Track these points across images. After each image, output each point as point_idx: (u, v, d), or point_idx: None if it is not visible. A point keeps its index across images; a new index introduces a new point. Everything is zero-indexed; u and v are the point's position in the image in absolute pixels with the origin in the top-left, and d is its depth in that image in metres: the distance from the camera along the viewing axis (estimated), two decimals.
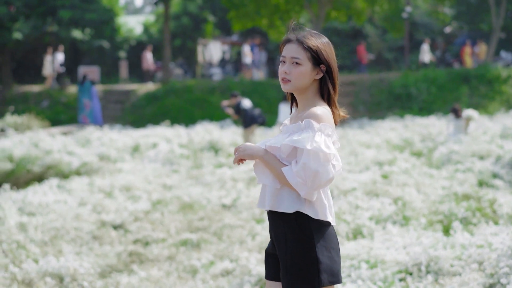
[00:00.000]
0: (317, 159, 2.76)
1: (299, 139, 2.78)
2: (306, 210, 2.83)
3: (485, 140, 11.96)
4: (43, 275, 4.89)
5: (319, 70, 2.92)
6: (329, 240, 2.85)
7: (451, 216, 6.18)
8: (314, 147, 2.75)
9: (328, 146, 2.78)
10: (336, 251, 2.87)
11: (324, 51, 2.91)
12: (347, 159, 10.92)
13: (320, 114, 2.83)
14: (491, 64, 24.20)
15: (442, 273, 4.50)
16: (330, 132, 2.83)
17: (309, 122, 2.81)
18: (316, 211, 2.84)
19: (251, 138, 13.84)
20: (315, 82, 2.95)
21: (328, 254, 2.82)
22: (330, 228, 2.90)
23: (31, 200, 7.77)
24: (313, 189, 2.79)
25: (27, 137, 14.79)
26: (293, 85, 2.91)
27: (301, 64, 2.89)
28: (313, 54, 2.89)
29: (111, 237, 7.08)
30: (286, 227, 2.86)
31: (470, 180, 8.50)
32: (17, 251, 5.60)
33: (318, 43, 2.91)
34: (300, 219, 2.84)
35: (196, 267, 5.96)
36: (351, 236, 5.81)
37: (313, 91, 2.95)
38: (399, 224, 6.05)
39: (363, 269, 4.70)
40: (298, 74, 2.89)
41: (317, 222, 2.85)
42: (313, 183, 2.76)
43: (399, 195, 7.05)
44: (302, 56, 2.89)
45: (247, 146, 2.94)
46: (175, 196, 8.62)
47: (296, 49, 2.90)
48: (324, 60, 2.91)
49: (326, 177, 2.76)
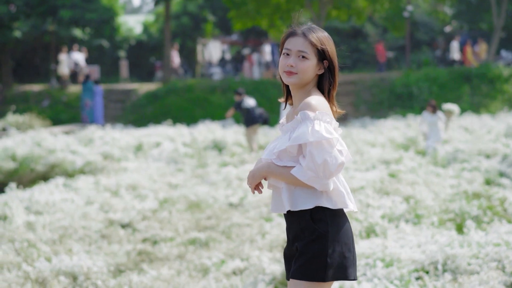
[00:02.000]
0: (322, 148, 2.73)
1: (299, 135, 2.76)
2: (325, 203, 2.81)
3: (490, 139, 11.95)
4: (56, 274, 4.85)
5: (322, 66, 2.92)
6: (343, 235, 2.82)
7: (463, 214, 6.15)
8: (316, 137, 2.72)
9: (329, 131, 2.75)
10: (348, 246, 2.83)
11: (328, 46, 2.92)
12: (353, 157, 10.88)
13: (314, 103, 2.81)
14: (492, 63, 24.19)
15: (459, 271, 4.46)
16: (328, 118, 2.80)
17: (305, 114, 2.79)
18: (334, 201, 2.82)
19: (253, 137, 13.78)
20: (316, 77, 2.95)
21: (339, 249, 2.80)
22: (346, 222, 2.86)
23: (38, 199, 7.73)
24: (327, 179, 2.75)
25: (29, 136, 14.79)
26: (299, 78, 2.89)
27: (308, 59, 2.88)
28: (319, 50, 2.89)
29: (120, 236, 7.04)
30: (302, 224, 2.84)
31: (477, 179, 8.48)
32: (28, 249, 5.56)
33: (321, 38, 2.91)
34: (315, 214, 2.82)
35: (207, 266, 5.92)
36: (365, 235, 5.78)
37: (311, 86, 2.94)
38: (411, 222, 6.02)
39: (378, 267, 4.66)
40: (305, 67, 2.88)
41: (332, 216, 2.82)
42: (324, 173, 2.73)
43: (409, 194, 7.02)
44: (309, 50, 2.88)
45: (251, 172, 2.95)
46: (182, 195, 8.59)
47: (302, 43, 2.88)
48: (328, 56, 2.91)
49: (335, 163, 2.73)
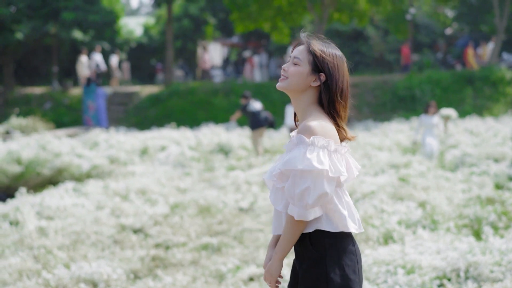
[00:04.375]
0: (306, 177, 2.62)
1: (290, 159, 2.66)
2: (325, 226, 2.71)
3: (497, 142, 11.93)
4: (76, 281, 4.82)
5: (317, 78, 2.80)
6: (344, 257, 2.72)
7: (480, 220, 6.13)
8: (305, 165, 2.61)
9: (321, 161, 2.62)
10: (351, 268, 2.72)
11: (329, 61, 2.79)
12: (361, 161, 10.87)
13: (313, 126, 2.69)
14: (494, 66, 24.18)
15: (481, 279, 4.45)
16: (325, 143, 2.66)
17: (300, 138, 2.68)
18: (336, 225, 2.72)
19: (259, 140, 13.75)
20: (313, 90, 2.82)
21: (341, 272, 2.70)
22: (349, 243, 2.76)
23: (49, 204, 7.70)
24: (303, 208, 2.63)
25: (33, 139, 14.74)
26: (287, 82, 2.81)
27: (299, 65, 2.80)
28: (315, 59, 2.80)
29: (132, 242, 7.02)
30: (302, 247, 2.77)
31: (487, 183, 8.45)
32: (46, 256, 5.53)
33: (324, 50, 2.81)
34: (314, 238, 2.73)
35: (222, 272, 5.89)
36: (382, 241, 5.76)
37: (310, 99, 2.82)
38: (428, 228, 6.00)
39: (399, 274, 4.64)
40: (293, 72, 2.80)
41: (333, 238, 2.72)
42: (300, 202, 2.63)
43: (423, 199, 7.00)
44: (302, 57, 2.81)
45: (267, 272, 2.84)
46: (192, 200, 8.57)
47: (300, 50, 2.83)
48: (326, 69, 2.78)
49: (315, 195, 2.62)
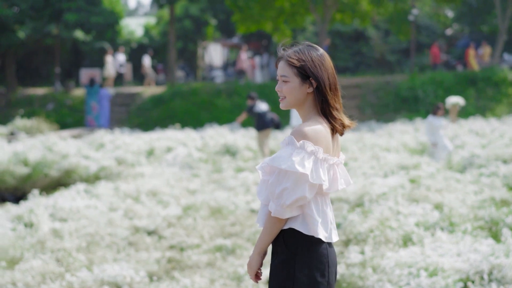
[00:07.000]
0: (287, 178, 2.73)
1: (276, 157, 2.76)
2: (299, 226, 2.80)
3: (504, 143, 11.93)
4: (100, 284, 4.82)
5: (310, 84, 2.87)
6: (315, 259, 2.79)
7: (497, 222, 6.14)
8: (287, 166, 2.71)
9: (303, 165, 2.71)
10: (320, 270, 2.79)
11: (311, 65, 2.85)
12: (369, 163, 10.88)
13: (306, 130, 2.78)
14: (496, 67, 24.22)
15: (505, 281, 4.45)
16: (314, 149, 2.75)
17: (291, 139, 2.78)
18: (308, 227, 2.80)
19: (265, 141, 13.75)
20: (311, 95, 2.89)
21: (309, 273, 2.77)
22: (323, 247, 2.82)
23: (62, 206, 7.69)
24: (280, 207, 2.74)
25: (38, 140, 14.70)
26: (287, 101, 2.90)
27: (289, 81, 2.87)
28: (299, 70, 2.85)
29: (146, 243, 7.02)
30: (275, 243, 2.87)
31: (497, 185, 8.44)
32: (67, 259, 5.53)
33: (303, 58, 2.86)
34: (287, 236, 2.82)
35: (240, 274, 5.90)
36: (401, 243, 5.77)
37: (310, 105, 2.90)
38: (446, 230, 6.00)
39: (422, 277, 4.65)
40: (287, 90, 2.87)
41: (307, 240, 2.80)
42: (277, 200, 2.74)
43: (439, 201, 7.00)
44: (288, 73, 2.86)
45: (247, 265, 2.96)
46: (204, 201, 8.57)
47: (283, 67, 2.88)
48: (311, 74, 2.84)
49: (291, 197, 2.72)
